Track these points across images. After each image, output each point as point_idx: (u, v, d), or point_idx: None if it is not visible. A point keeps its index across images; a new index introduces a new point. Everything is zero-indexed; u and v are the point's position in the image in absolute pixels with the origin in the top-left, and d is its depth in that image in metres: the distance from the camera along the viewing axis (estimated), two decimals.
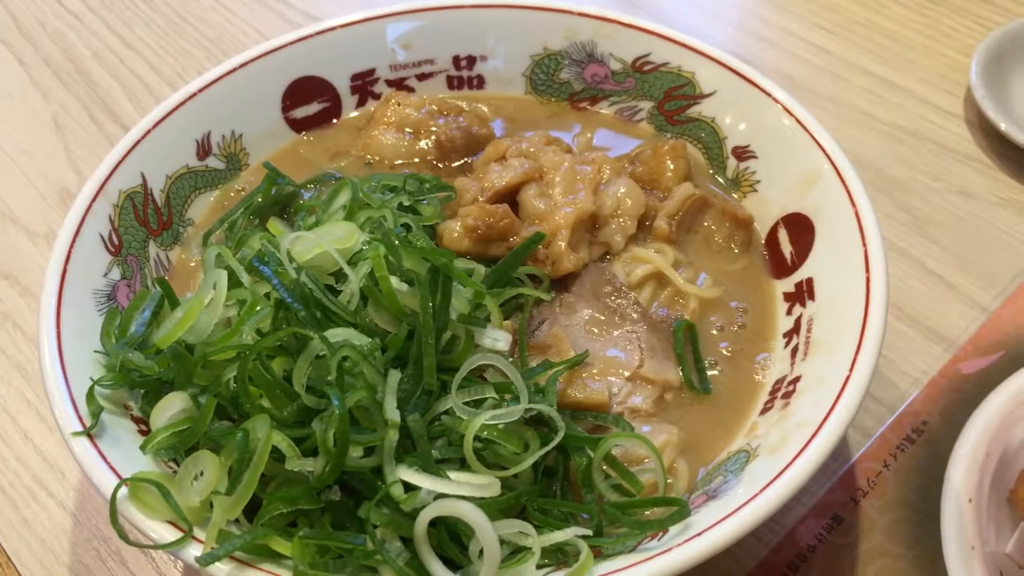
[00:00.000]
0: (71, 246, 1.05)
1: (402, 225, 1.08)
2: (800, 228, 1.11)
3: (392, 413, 0.86)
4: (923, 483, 1.14)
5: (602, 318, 1.09)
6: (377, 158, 1.28)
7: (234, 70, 1.25)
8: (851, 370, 0.92)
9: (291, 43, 1.28)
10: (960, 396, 1.20)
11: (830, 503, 1.13)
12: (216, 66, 1.25)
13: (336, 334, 0.92)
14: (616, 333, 1.08)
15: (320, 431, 0.84)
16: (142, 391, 1.00)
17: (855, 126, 1.55)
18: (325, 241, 0.98)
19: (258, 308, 0.97)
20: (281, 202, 1.22)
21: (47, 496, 1.19)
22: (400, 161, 1.28)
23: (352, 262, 0.99)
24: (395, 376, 0.89)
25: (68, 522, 1.17)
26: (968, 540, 1.08)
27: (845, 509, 1.12)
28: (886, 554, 1.09)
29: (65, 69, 1.72)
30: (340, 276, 1.01)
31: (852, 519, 1.12)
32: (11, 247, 1.44)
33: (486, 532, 0.81)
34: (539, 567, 0.85)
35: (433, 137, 1.27)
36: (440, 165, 1.28)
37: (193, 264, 1.19)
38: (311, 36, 1.29)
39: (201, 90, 1.22)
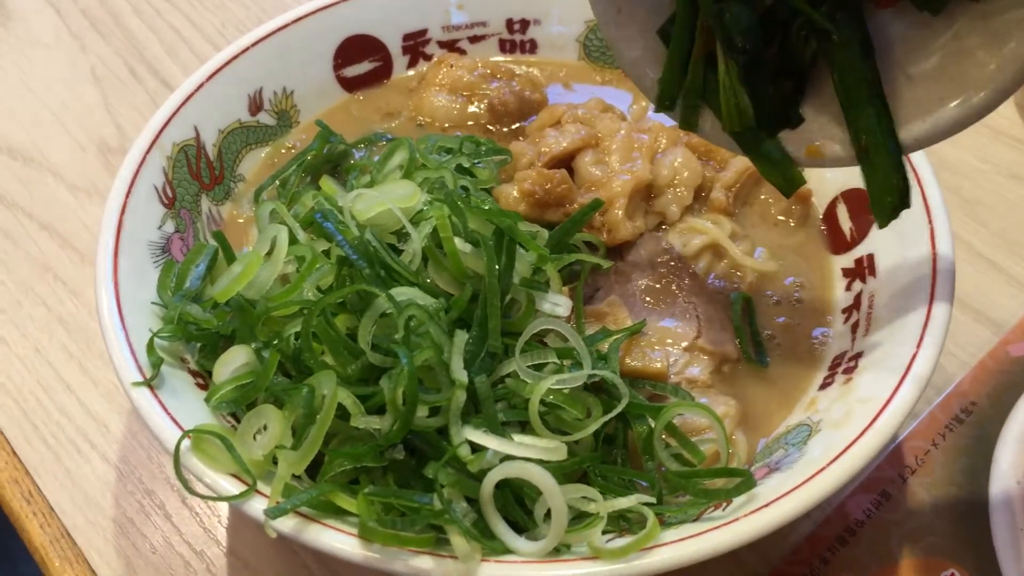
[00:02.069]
0: (127, 197, 1.04)
1: (461, 187, 1.07)
2: (861, 204, 1.10)
3: (459, 373, 0.86)
4: (971, 464, 1.13)
5: (658, 287, 1.08)
6: (428, 120, 1.27)
7: (287, 25, 1.23)
8: (918, 346, 0.91)
9: (344, 0, 1.26)
10: (1009, 378, 1.20)
11: (879, 479, 1.12)
12: (263, 23, 1.24)
13: (401, 293, 0.91)
14: (672, 303, 1.07)
15: (389, 389, 0.84)
16: (198, 344, 0.99)
17: None
18: (388, 199, 0.97)
19: (318, 265, 0.96)
20: (333, 161, 1.20)
21: (90, 448, 1.18)
22: (448, 124, 1.27)
23: (413, 222, 0.98)
24: (462, 337, 0.88)
25: (112, 475, 1.16)
26: (1016, 522, 1.08)
27: (893, 486, 1.12)
28: (934, 532, 1.09)
29: (103, 21, 1.70)
30: (400, 235, 1.00)
31: (900, 496, 1.12)
32: (51, 198, 1.43)
33: (555, 496, 0.81)
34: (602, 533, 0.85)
35: (486, 100, 1.26)
36: (492, 128, 1.27)
37: (242, 220, 1.18)
38: None
39: (255, 44, 1.21)
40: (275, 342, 0.91)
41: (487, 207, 0.99)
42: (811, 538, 1.08)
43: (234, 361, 0.91)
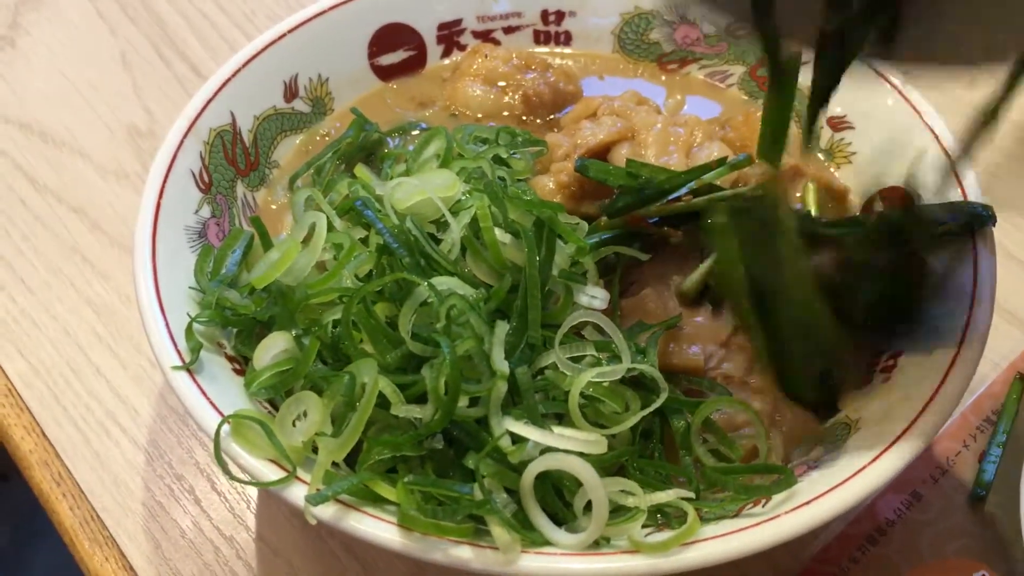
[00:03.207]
0: (164, 181, 1.04)
1: (499, 177, 1.07)
2: (899, 202, 1.09)
3: (500, 364, 0.85)
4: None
5: None
6: (462, 109, 1.27)
7: (323, 12, 1.23)
8: (960, 345, 0.91)
9: None
10: None
11: (909, 479, 1.12)
12: (292, 10, 1.23)
13: (441, 282, 0.91)
14: (708, 297, 1.07)
15: (431, 378, 0.83)
16: (235, 330, 0.99)
17: (931, 101, 1.52)
18: (428, 188, 0.97)
19: (356, 253, 0.96)
20: (367, 149, 1.20)
21: (120, 432, 1.18)
22: (482, 115, 1.27)
23: (452, 212, 0.98)
24: (503, 327, 0.88)
25: (141, 459, 1.16)
26: None
27: (924, 486, 1.12)
28: (966, 534, 1.08)
29: (132, 5, 1.69)
30: (439, 225, 1.00)
31: (931, 497, 1.11)
32: (80, 181, 1.43)
33: (596, 489, 0.81)
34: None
35: (520, 91, 1.25)
36: (525, 119, 1.26)
37: (275, 207, 1.18)
38: None
39: (291, 31, 1.20)
40: (314, 329, 0.91)
41: (528, 198, 0.98)
42: (841, 537, 1.08)
43: (274, 347, 0.91)
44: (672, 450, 0.94)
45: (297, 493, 0.83)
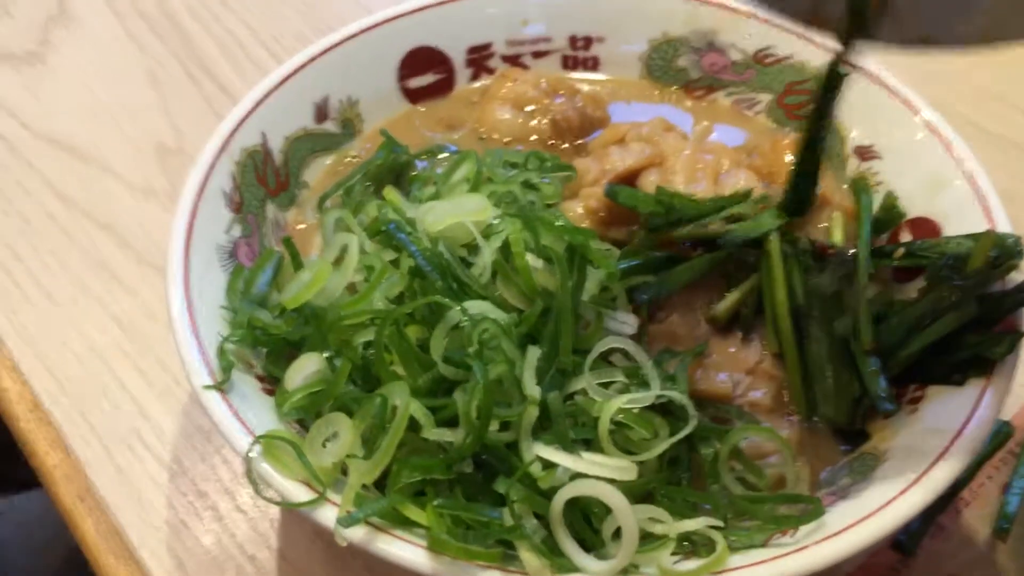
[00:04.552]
0: (197, 200, 1.05)
1: (528, 202, 1.07)
2: (927, 232, 1.10)
3: (532, 389, 0.86)
4: None
5: None
6: (490, 133, 1.27)
7: (354, 35, 1.24)
8: (988, 379, 0.91)
9: (411, 12, 1.27)
10: None
11: (932, 510, 1.12)
12: (319, 31, 1.24)
13: (474, 306, 0.91)
14: (734, 325, 1.07)
15: (463, 402, 0.84)
16: (265, 350, 1.00)
17: (961, 135, 1.53)
18: (461, 212, 0.98)
19: (387, 275, 0.97)
20: (395, 171, 1.21)
21: (144, 448, 1.19)
22: (510, 138, 1.28)
23: (483, 236, 0.99)
24: (535, 352, 0.88)
25: (164, 475, 1.17)
26: None
27: (948, 518, 1.11)
28: (988, 564, 1.08)
29: (160, 24, 1.71)
30: (469, 249, 1.00)
31: (954, 527, 1.11)
32: (108, 197, 1.44)
33: (626, 516, 0.81)
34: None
35: (549, 116, 1.26)
36: (553, 144, 1.27)
37: (303, 227, 1.19)
38: (432, 6, 1.28)
39: (322, 53, 1.21)
40: (345, 351, 0.91)
41: (560, 223, 0.99)
42: (864, 568, 1.07)
43: (306, 368, 0.91)
44: (698, 477, 0.94)
45: (327, 515, 0.83)
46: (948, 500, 1.10)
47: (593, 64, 1.35)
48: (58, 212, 1.42)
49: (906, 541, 1.07)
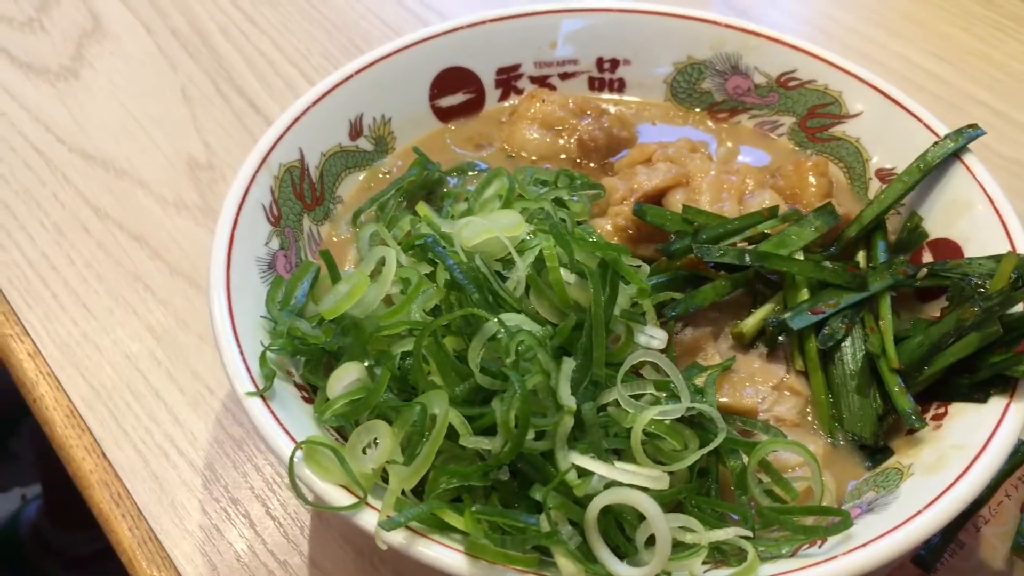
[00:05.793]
0: (238, 212, 1.07)
1: (560, 219, 1.10)
2: (947, 254, 1.12)
3: (567, 399, 0.88)
4: None
5: None
6: (519, 152, 1.30)
7: (388, 55, 1.27)
8: (1011, 396, 0.94)
9: (443, 33, 1.31)
10: None
11: (953, 526, 1.14)
12: (347, 51, 1.26)
13: (510, 318, 0.94)
14: (761, 341, 1.09)
15: (501, 411, 0.86)
16: (303, 359, 1.02)
17: (980, 158, 1.56)
18: (496, 227, 1.00)
19: (423, 288, 0.99)
20: (427, 187, 1.24)
21: (178, 455, 1.21)
22: (537, 157, 1.31)
23: (517, 251, 1.01)
24: (569, 363, 0.91)
25: (198, 482, 1.19)
26: None
27: (967, 535, 1.13)
28: None
29: (192, 41, 1.75)
30: (504, 263, 1.03)
31: (974, 544, 1.13)
32: (141, 210, 1.47)
33: (660, 523, 0.83)
34: None
35: (576, 136, 1.29)
36: (580, 162, 1.30)
37: (337, 240, 1.22)
38: (463, 28, 1.31)
39: (357, 72, 1.25)
40: (385, 360, 0.94)
41: (592, 239, 1.02)
42: None
43: (347, 376, 0.94)
44: (725, 489, 0.96)
45: (368, 519, 0.85)
46: (967, 517, 1.12)
47: (619, 86, 1.38)
48: (92, 225, 1.45)
49: (927, 556, 1.08)
